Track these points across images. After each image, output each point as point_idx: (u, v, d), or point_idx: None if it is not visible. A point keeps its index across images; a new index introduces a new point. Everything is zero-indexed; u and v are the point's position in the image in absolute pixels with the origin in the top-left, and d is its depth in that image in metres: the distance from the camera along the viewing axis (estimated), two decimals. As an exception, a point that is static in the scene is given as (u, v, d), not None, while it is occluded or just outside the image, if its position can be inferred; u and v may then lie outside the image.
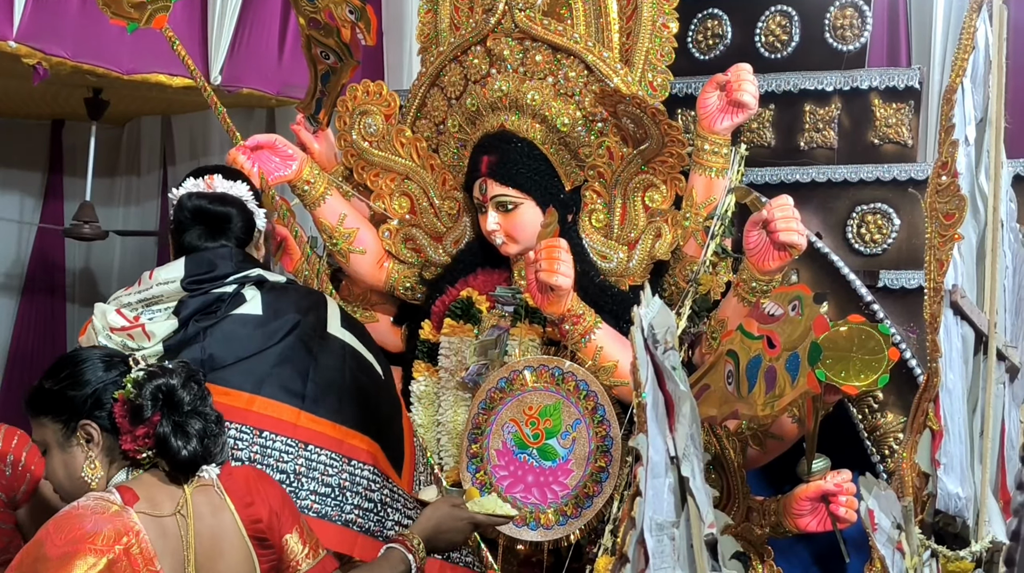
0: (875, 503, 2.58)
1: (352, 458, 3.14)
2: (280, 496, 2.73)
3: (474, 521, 3.11)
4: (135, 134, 7.42)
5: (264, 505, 2.64)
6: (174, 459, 2.53)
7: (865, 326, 2.59)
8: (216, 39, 5.42)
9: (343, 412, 3.19)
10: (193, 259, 3.24)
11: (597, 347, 3.45)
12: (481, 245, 3.89)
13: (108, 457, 2.57)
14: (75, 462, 2.57)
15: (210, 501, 2.56)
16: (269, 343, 3.14)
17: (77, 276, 7.57)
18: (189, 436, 2.53)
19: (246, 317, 3.16)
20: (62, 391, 2.57)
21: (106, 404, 2.54)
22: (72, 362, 2.62)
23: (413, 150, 3.98)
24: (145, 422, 2.51)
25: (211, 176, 3.39)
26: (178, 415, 2.54)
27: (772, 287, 3.24)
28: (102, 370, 2.58)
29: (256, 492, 2.65)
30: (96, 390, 2.55)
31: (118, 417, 2.52)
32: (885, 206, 3.72)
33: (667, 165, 3.56)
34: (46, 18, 4.82)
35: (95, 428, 2.55)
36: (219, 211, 3.31)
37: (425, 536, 2.96)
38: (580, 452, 3.47)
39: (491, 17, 3.76)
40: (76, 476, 2.57)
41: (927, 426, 2.69)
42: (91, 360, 2.61)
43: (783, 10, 4.00)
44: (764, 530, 3.32)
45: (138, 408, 2.51)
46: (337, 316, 3.35)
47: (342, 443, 3.13)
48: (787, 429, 3.37)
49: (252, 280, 3.24)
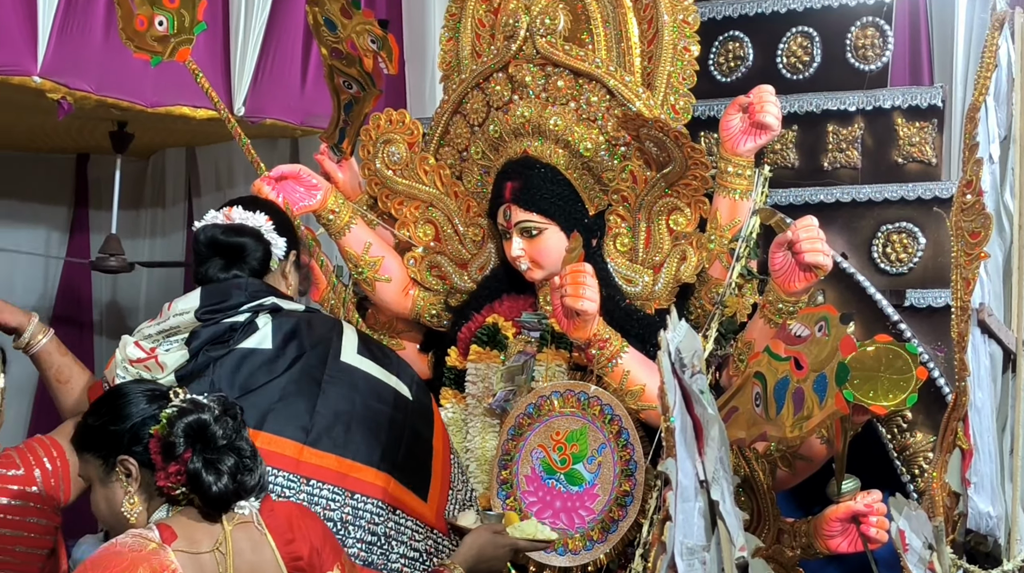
0: (906, 523, 2.57)
1: (356, 492, 3.07)
2: (322, 533, 2.72)
3: (516, 547, 3.11)
4: (160, 166, 7.47)
5: (305, 542, 2.63)
6: (206, 495, 2.52)
7: (892, 345, 2.58)
8: (239, 70, 5.45)
9: (350, 444, 3.12)
10: (208, 290, 3.24)
11: (624, 371, 3.44)
12: (506, 271, 3.89)
13: (146, 493, 2.57)
14: (115, 497, 2.58)
15: (250, 537, 2.55)
16: (273, 376, 3.11)
17: (104, 309, 7.60)
18: (220, 473, 2.52)
19: (255, 350, 3.14)
20: (103, 426, 2.59)
21: (143, 439, 2.55)
22: (115, 397, 2.64)
23: (437, 178, 4.00)
24: (177, 459, 2.50)
25: (230, 207, 3.40)
26: (209, 452, 2.52)
27: (798, 308, 3.24)
28: (144, 403, 2.59)
29: (297, 529, 2.64)
30: (134, 425, 2.56)
31: (152, 453, 2.52)
32: (910, 225, 3.70)
33: (691, 188, 3.56)
34: (70, 53, 4.85)
35: (133, 464, 2.55)
36: (232, 242, 3.31)
37: (468, 566, 2.96)
38: (605, 476, 3.46)
39: (512, 44, 3.77)
40: (117, 511, 2.58)
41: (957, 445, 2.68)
42: (132, 394, 2.62)
43: (804, 31, 4.00)
44: (795, 552, 3.31)
45: (170, 445, 2.51)
46: (354, 343, 3.32)
47: (346, 477, 3.06)
48: (816, 450, 3.36)
49: (266, 309, 3.22)
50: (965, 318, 2.63)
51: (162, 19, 3.88)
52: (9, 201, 7.32)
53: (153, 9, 3.86)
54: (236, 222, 3.34)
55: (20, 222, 7.35)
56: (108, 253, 6.56)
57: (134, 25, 3.90)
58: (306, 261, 3.61)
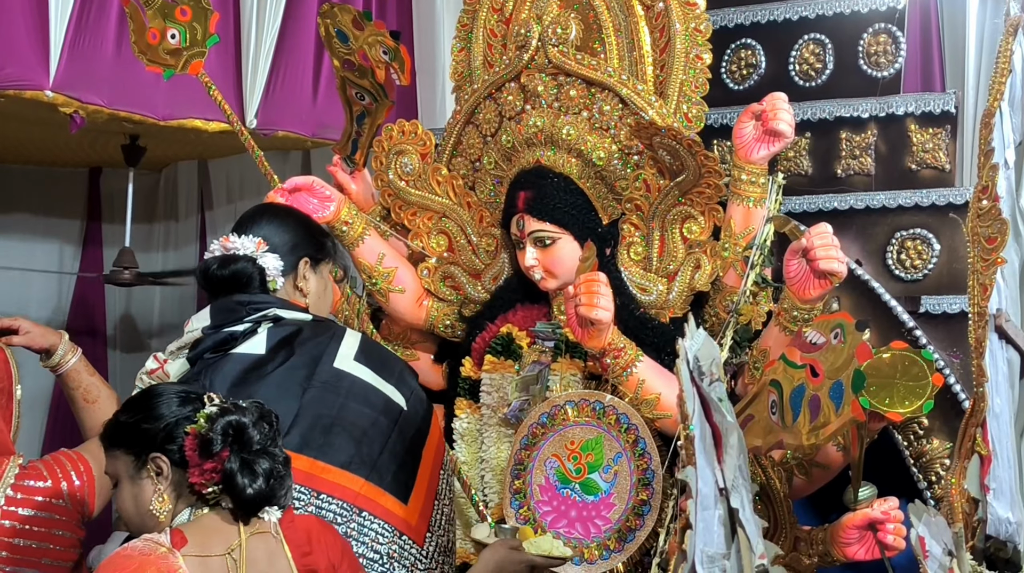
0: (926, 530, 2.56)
1: (321, 492, 3.02)
2: (341, 549, 2.72)
3: (532, 563, 3.11)
4: (172, 179, 7.49)
5: (323, 556, 2.63)
6: (239, 497, 2.53)
7: (908, 352, 2.58)
8: (250, 83, 5.46)
9: (327, 447, 3.07)
10: (216, 305, 3.25)
11: (639, 380, 3.44)
12: (520, 281, 3.89)
13: (176, 492, 2.58)
14: (144, 495, 2.59)
15: (267, 547, 2.56)
16: (260, 379, 3.11)
17: (118, 322, 7.62)
18: (256, 474, 2.54)
19: (246, 355, 3.14)
20: (136, 424, 2.60)
21: (177, 438, 2.56)
22: (149, 396, 2.65)
23: (450, 188, 4.00)
24: (214, 457, 2.52)
25: (226, 237, 3.39)
26: (246, 452, 2.54)
27: (813, 315, 3.23)
28: (176, 405, 2.60)
29: (316, 542, 2.64)
30: (169, 425, 2.57)
31: (188, 450, 2.53)
32: (924, 231, 3.69)
33: (704, 196, 3.56)
34: (82, 67, 4.87)
35: (165, 461, 2.57)
36: (225, 274, 3.30)
37: None
38: (622, 486, 3.46)
39: (524, 53, 3.77)
40: (144, 509, 2.59)
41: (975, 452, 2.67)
42: (167, 395, 2.63)
43: (816, 38, 3.99)
44: (812, 560, 3.30)
45: (208, 442, 2.52)
46: (352, 350, 3.29)
47: (314, 477, 3.02)
48: (832, 458, 3.35)
49: (268, 318, 3.23)
50: (982, 324, 2.63)
51: (174, 32, 3.90)
52: (22, 215, 7.35)
53: (165, 22, 3.88)
54: (229, 252, 3.34)
55: (33, 236, 7.38)
56: (122, 266, 6.58)
57: (146, 38, 3.92)
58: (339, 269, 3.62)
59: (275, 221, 3.47)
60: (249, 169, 6.68)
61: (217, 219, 7.19)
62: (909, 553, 3.05)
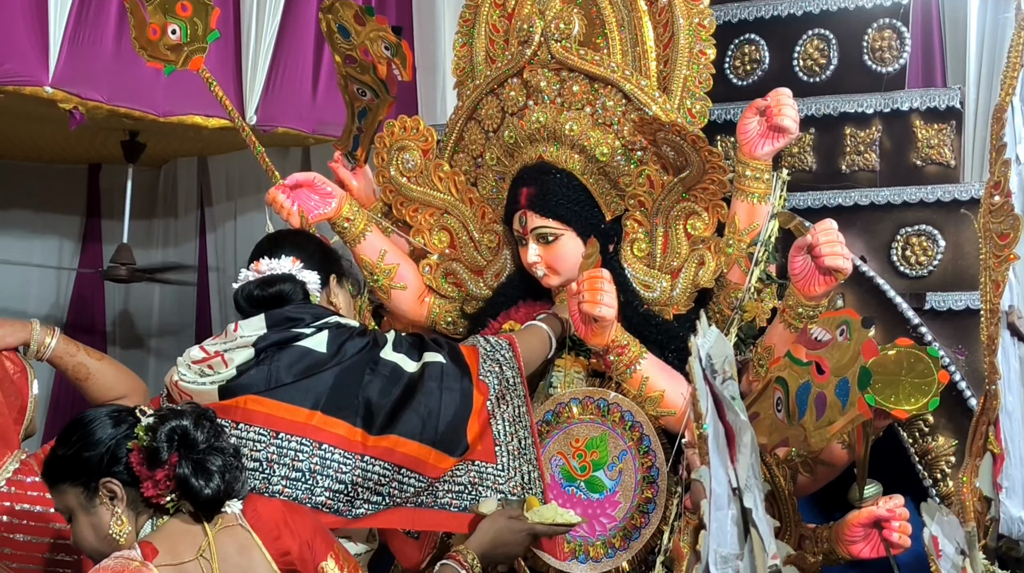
0: (939, 529, 2.55)
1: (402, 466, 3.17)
2: (311, 526, 2.73)
3: (533, 531, 3.10)
4: (171, 176, 7.49)
5: (292, 537, 2.63)
6: (197, 498, 2.53)
7: (914, 349, 2.57)
8: (250, 80, 5.46)
9: (378, 423, 3.18)
10: (272, 315, 3.26)
11: (643, 377, 3.43)
12: (522, 278, 3.87)
13: (133, 510, 2.58)
14: (102, 522, 2.58)
15: (236, 540, 2.56)
16: (325, 369, 3.17)
17: (117, 318, 7.61)
18: (211, 473, 2.54)
19: (312, 350, 3.20)
20: (77, 454, 2.59)
21: (122, 458, 2.56)
22: (81, 425, 2.64)
23: (451, 184, 3.98)
24: (163, 465, 2.52)
25: (256, 262, 3.40)
26: (196, 453, 2.54)
27: (819, 312, 3.21)
28: (111, 426, 2.60)
29: (283, 525, 2.65)
30: (110, 447, 2.56)
31: (135, 465, 2.53)
32: (929, 227, 3.68)
33: (708, 192, 3.54)
34: (81, 63, 4.87)
35: (116, 484, 2.56)
36: (270, 294, 3.32)
37: (481, 551, 2.95)
38: (627, 483, 3.45)
39: (527, 49, 3.75)
40: (104, 536, 2.58)
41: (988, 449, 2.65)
42: (98, 419, 2.62)
43: (821, 33, 3.98)
44: (817, 558, 3.28)
45: (154, 451, 2.52)
46: (390, 343, 3.36)
47: (319, 430, 3.13)
48: (837, 455, 3.34)
49: (330, 325, 3.27)
50: (995, 321, 2.62)
51: (175, 28, 3.89)
52: (22, 211, 7.36)
53: (166, 18, 3.87)
54: (266, 274, 3.36)
55: (32, 232, 7.38)
56: (120, 262, 6.57)
57: (147, 34, 3.90)
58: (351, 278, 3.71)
59: (298, 243, 3.54)
60: (248, 166, 6.68)
61: (216, 215, 7.19)
62: (914, 551, 3.05)
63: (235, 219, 6.98)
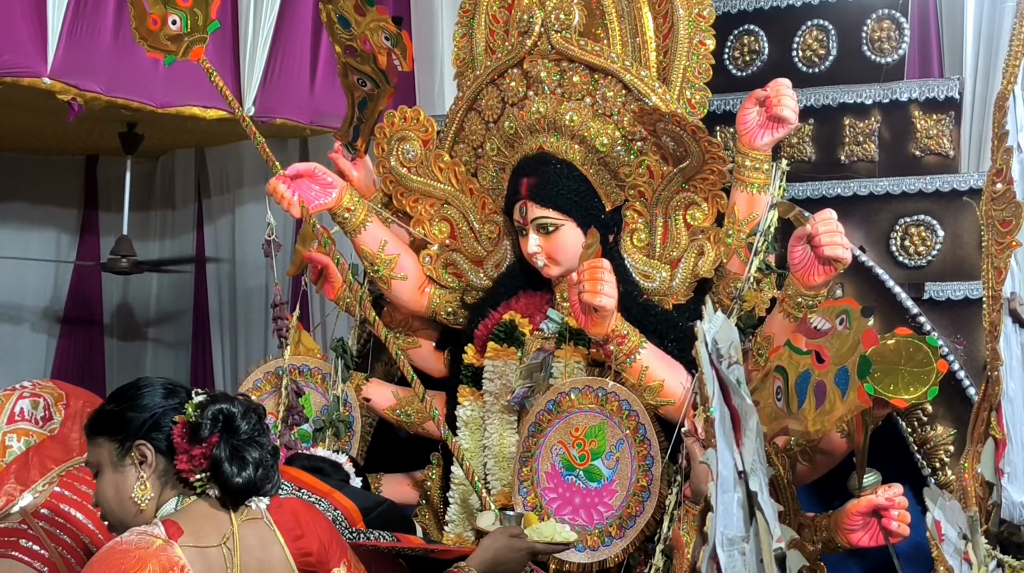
0: (941, 514, 2.56)
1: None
2: (328, 529, 2.71)
3: (533, 550, 3.10)
4: (169, 167, 7.47)
5: (314, 538, 2.62)
6: (227, 484, 2.51)
7: (913, 339, 2.58)
8: (248, 71, 5.45)
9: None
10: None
11: (642, 367, 3.44)
12: (522, 268, 3.88)
13: (161, 481, 2.55)
14: (126, 482, 2.56)
15: (259, 534, 2.54)
16: None
17: (115, 311, 7.60)
18: (245, 462, 2.52)
19: None
20: (122, 412, 2.57)
21: (164, 427, 2.53)
22: (134, 387, 2.62)
23: (452, 175, 3.99)
24: (203, 443, 2.50)
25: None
26: (236, 440, 2.53)
27: (818, 302, 3.22)
28: (161, 397, 2.58)
29: (306, 524, 2.63)
30: (155, 414, 2.55)
31: (176, 437, 2.51)
32: (928, 218, 3.68)
33: (708, 182, 3.55)
34: (79, 54, 4.86)
35: (150, 449, 2.54)
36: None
37: (483, 569, 2.95)
38: (623, 472, 3.46)
39: (527, 39, 3.75)
40: (126, 497, 2.55)
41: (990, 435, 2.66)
42: (152, 386, 2.61)
43: (820, 24, 3.98)
44: (816, 546, 3.29)
45: (197, 427, 2.50)
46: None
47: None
48: (836, 444, 3.36)
49: None
50: (997, 307, 2.63)
51: (175, 18, 3.87)
52: (19, 203, 7.34)
53: (166, 8, 3.85)
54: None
55: (30, 224, 7.37)
56: (119, 254, 6.56)
57: (147, 24, 3.89)
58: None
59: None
60: (247, 157, 6.67)
61: (214, 207, 7.17)
62: (913, 540, 3.06)
63: (233, 211, 6.96)
